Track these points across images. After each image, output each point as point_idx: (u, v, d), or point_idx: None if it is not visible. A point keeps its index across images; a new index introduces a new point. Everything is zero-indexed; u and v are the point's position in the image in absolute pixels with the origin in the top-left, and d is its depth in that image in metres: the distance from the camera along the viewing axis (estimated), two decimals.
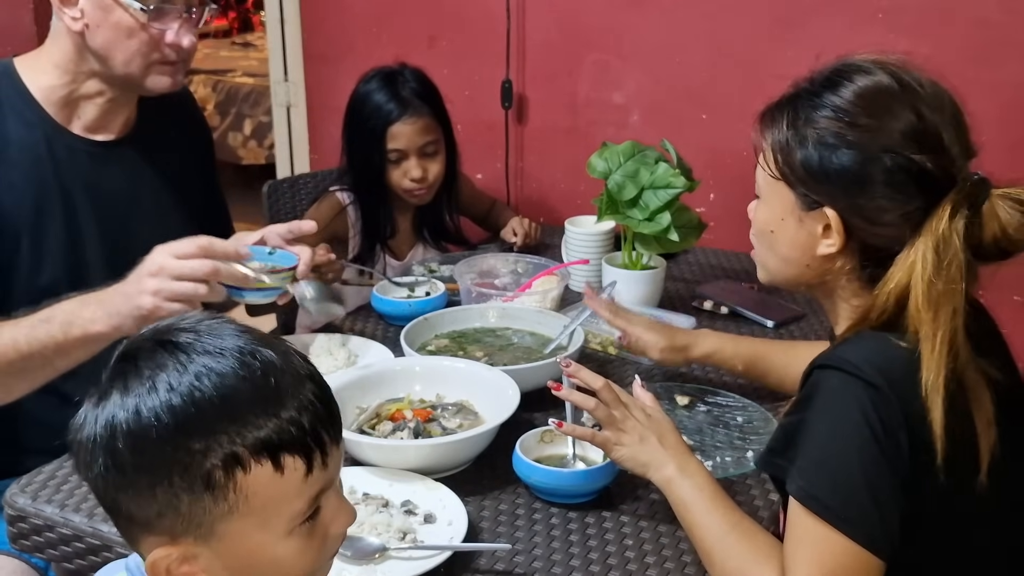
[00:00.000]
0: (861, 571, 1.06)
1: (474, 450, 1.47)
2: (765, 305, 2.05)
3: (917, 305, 1.09)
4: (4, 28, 3.19)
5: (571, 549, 1.30)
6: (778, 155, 1.21)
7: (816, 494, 1.08)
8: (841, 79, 1.18)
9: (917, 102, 1.14)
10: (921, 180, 1.12)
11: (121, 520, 0.90)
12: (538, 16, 2.70)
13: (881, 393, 1.07)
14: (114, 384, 0.87)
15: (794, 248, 1.23)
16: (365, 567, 1.25)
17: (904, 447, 1.07)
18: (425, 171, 2.25)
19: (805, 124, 1.18)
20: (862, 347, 1.13)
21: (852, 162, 1.14)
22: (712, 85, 2.54)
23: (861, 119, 1.14)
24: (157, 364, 0.86)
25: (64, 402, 1.64)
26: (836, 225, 1.17)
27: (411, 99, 2.24)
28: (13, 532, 1.41)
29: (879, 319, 1.14)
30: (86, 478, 0.91)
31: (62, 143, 1.65)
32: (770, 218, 1.25)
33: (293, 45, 3.11)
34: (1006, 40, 2.24)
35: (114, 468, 0.86)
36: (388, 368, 1.66)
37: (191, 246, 1.44)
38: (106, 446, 0.86)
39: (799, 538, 1.09)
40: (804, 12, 2.40)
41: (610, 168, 1.96)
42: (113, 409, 0.86)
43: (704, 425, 1.60)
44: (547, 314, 1.86)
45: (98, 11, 1.55)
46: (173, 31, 1.59)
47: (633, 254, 2.04)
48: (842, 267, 1.21)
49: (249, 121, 5.27)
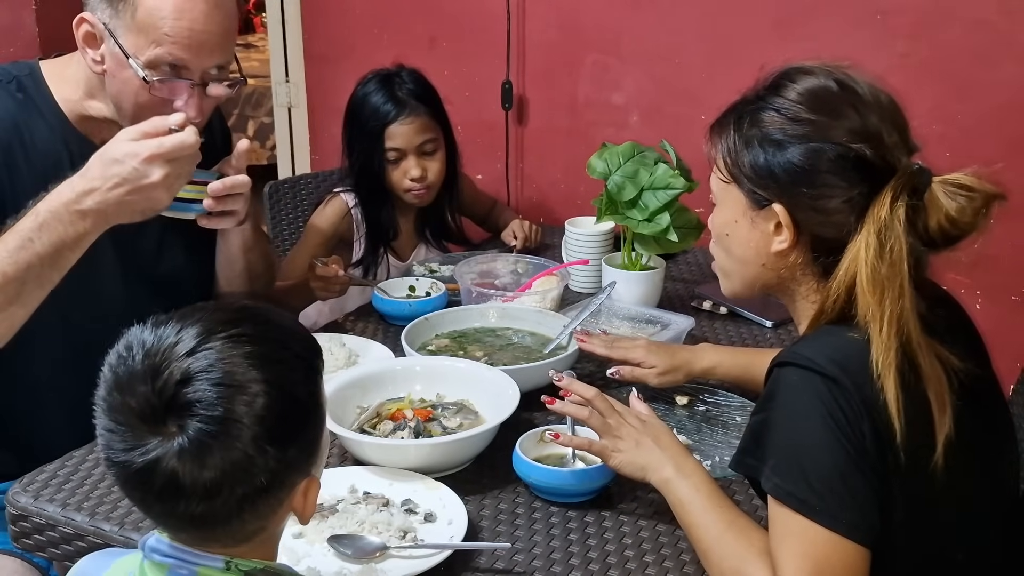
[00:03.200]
0: (846, 559, 1.07)
1: (474, 450, 1.48)
2: (764, 305, 2.06)
3: (863, 288, 1.12)
4: (6, 29, 3.20)
5: (571, 548, 1.31)
6: (728, 159, 1.25)
7: (791, 490, 1.09)
8: (784, 81, 1.23)
9: (856, 102, 1.18)
10: (861, 168, 1.15)
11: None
12: (538, 17, 2.71)
13: (839, 384, 1.09)
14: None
15: (748, 248, 1.26)
16: (365, 566, 1.25)
17: (868, 435, 1.08)
18: (424, 170, 2.26)
19: (750, 126, 1.22)
20: (817, 342, 1.16)
21: (795, 156, 1.18)
22: (711, 86, 2.54)
23: (803, 115, 1.19)
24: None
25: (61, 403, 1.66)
26: (785, 220, 1.20)
27: (407, 99, 2.24)
28: (15, 531, 1.42)
29: (832, 311, 1.16)
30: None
31: (80, 151, 1.61)
32: (725, 221, 1.29)
33: (294, 46, 3.12)
34: (1005, 40, 2.24)
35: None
36: (388, 368, 1.67)
37: (152, 126, 1.43)
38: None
39: (782, 534, 1.10)
40: (803, 13, 2.40)
41: (610, 169, 1.96)
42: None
43: (703, 425, 1.60)
44: (547, 314, 1.87)
45: (113, 62, 1.53)
46: (181, 100, 1.54)
47: (632, 254, 2.04)
48: (796, 262, 1.23)
49: (251, 122, 5.28)
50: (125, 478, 0.93)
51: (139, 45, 1.50)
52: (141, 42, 1.50)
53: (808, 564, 1.07)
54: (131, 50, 1.51)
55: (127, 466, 0.91)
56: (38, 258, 1.41)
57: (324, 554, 1.28)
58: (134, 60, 1.50)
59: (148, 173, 1.41)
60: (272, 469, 0.93)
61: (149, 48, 1.50)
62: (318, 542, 1.29)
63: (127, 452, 0.91)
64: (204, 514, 0.92)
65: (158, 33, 1.49)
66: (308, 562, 1.26)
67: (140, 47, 1.50)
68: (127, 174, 1.41)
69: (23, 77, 1.63)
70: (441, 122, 2.30)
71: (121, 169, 1.41)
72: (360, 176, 2.28)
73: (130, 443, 0.90)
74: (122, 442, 0.91)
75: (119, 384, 0.93)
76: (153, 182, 1.41)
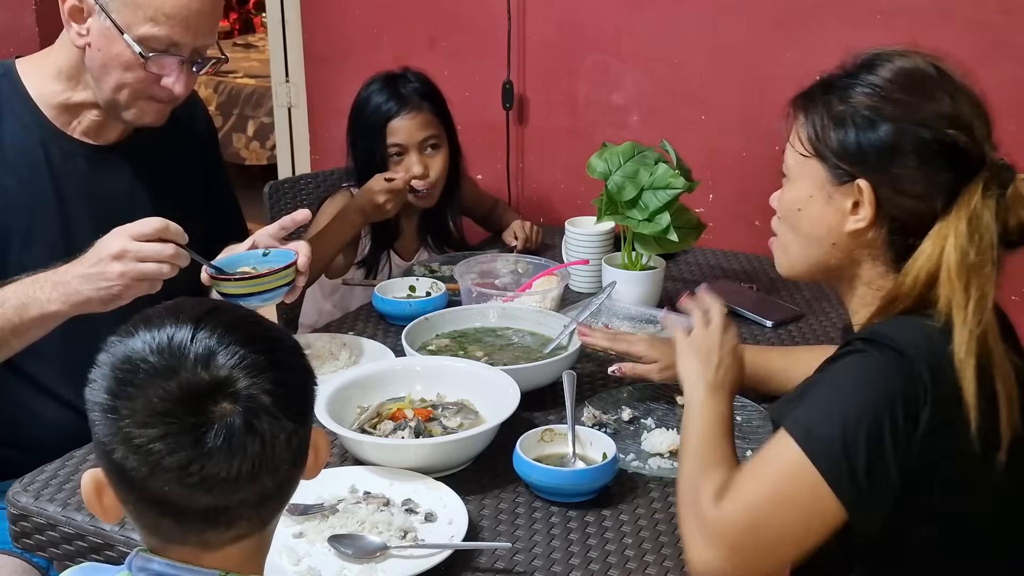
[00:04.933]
0: (815, 506, 1.08)
1: (474, 449, 1.48)
2: (764, 305, 2.06)
3: (950, 275, 1.12)
4: (6, 29, 3.20)
5: (571, 548, 1.31)
6: (812, 133, 1.23)
7: (814, 433, 1.09)
8: (879, 62, 1.21)
9: (952, 89, 1.18)
10: (953, 155, 1.15)
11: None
12: (538, 17, 2.71)
13: (911, 364, 1.09)
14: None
15: (820, 225, 1.24)
16: (366, 566, 1.26)
17: (924, 423, 1.08)
18: (426, 167, 2.25)
19: (840, 102, 1.20)
20: (895, 325, 1.14)
21: (886, 134, 1.17)
22: (711, 86, 2.55)
23: (897, 95, 1.18)
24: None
25: (62, 402, 1.66)
26: (868, 196, 1.18)
27: (410, 96, 2.25)
28: (15, 531, 1.42)
29: (907, 299, 1.15)
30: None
31: (59, 147, 1.65)
32: (798, 196, 1.26)
33: (294, 46, 3.12)
34: (1004, 41, 2.24)
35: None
36: (389, 368, 1.67)
37: (148, 227, 1.45)
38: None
39: (767, 458, 1.12)
40: (802, 14, 2.41)
41: (610, 169, 1.96)
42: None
43: None
44: (547, 314, 1.87)
45: (102, 37, 1.55)
46: (171, 76, 1.58)
47: (633, 254, 2.04)
48: (870, 243, 1.21)
49: (252, 122, 5.28)
50: (186, 472, 0.85)
51: (133, 21, 1.53)
52: (136, 18, 1.53)
53: (774, 486, 1.09)
54: (124, 25, 1.53)
55: (189, 463, 0.85)
56: (3, 319, 1.47)
57: (324, 554, 1.28)
58: (128, 36, 1.53)
59: (108, 247, 1.44)
60: (311, 410, 0.95)
61: (144, 25, 1.53)
62: (318, 542, 1.29)
63: (189, 447, 0.85)
64: (260, 486, 0.89)
65: (154, 10, 1.52)
66: (308, 562, 1.26)
67: (134, 23, 1.53)
68: (93, 251, 1.45)
69: None
70: (445, 123, 2.30)
71: (94, 248, 1.46)
72: (363, 174, 2.28)
73: (188, 435, 0.85)
74: (175, 441, 0.85)
75: (141, 394, 0.87)
76: (110, 253, 1.44)
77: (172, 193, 1.78)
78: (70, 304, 1.46)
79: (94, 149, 1.69)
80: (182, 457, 0.85)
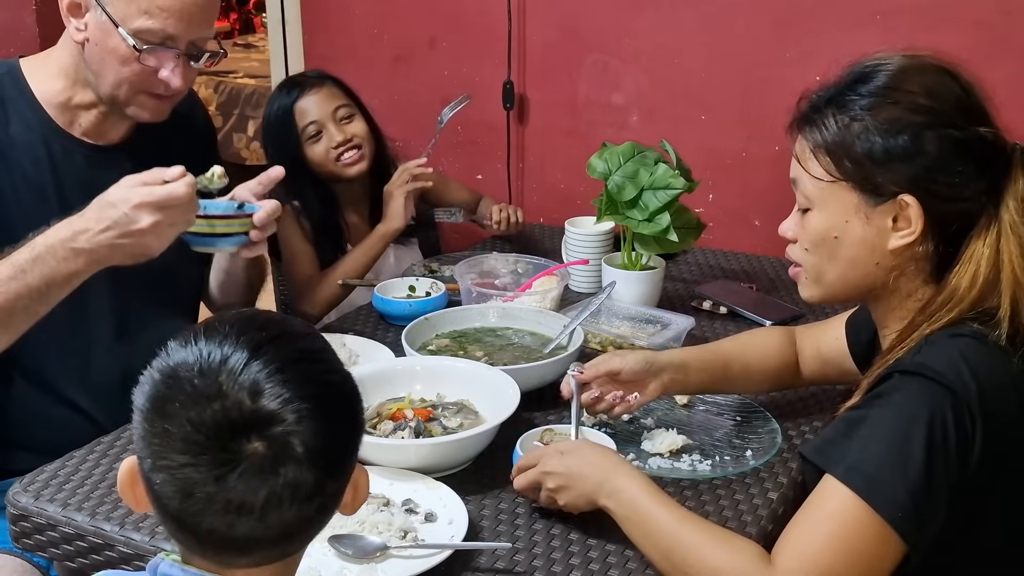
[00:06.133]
0: (881, 553, 1.05)
1: (474, 449, 1.48)
2: (764, 305, 2.06)
3: (1015, 275, 1.09)
4: (7, 29, 3.20)
5: (571, 548, 1.31)
6: (831, 156, 1.18)
7: (866, 473, 1.05)
8: (877, 69, 1.17)
9: (965, 86, 1.16)
10: (987, 151, 1.13)
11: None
12: (538, 17, 2.71)
13: (961, 400, 1.05)
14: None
15: (863, 248, 1.19)
16: (366, 566, 1.26)
17: (973, 463, 1.05)
18: (346, 133, 2.22)
19: (854, 118, 1.16)
20: (945, 353, 1.10)
21: (914, 140, 1.13)
22: (711, 86, 2.54)
23: (914, 98, 1.14)
24: None
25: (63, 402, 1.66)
26: (915, 209, 1.14)
27: (308, 79, 2.27)
28: (16, 531, 1.42)
29: (957, 306, 1.12)
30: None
31: (61, 146, 1.65)
32: (832, 224, 1.20)
33: (294, 47, 3.12)
34: (1003, 41, 2.24)
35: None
36: (389, 368, 1.67)
37: (150, 176, 1.41)
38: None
39: (825, 512, 1.07)
40: (802, 14, 2.40)
41: (610, 169, 1.96)
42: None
43: (703, 424, 1.60)
44: (547, 314, 1.87)
45: (99, 31, 1.56)
46: (167, 69, 1.58)
47: (632, 254, 2.04)
48: (915, 255, 1.17)
49: (252, 122, 5.28)
50: (208, 505, 0.85)
51: (128, 14, 1.53)
52: (131, 11, 1.53)
53: (839, 543, 1.04)
54: (119, 19, 1.54)
55: (207, 494, 0.84)
56: (28, 290, 1.42)
57: (324, 554, 1.28)
58: (123, 29, 1.53)
59: (137, 219, 1.40)
60: (348, 463, 0.93)
61: (139, 18, 1.53)
62: (318, 542, 1.29)
63: (211, 482, 0.83)
64: (280, 524, 0.87)
65: (148, 3, 1.53)
66: (308, 562, 1.26)
67: (129, 16, 1.54)
68: (118, 218, 1.40)
69: (1, 76, 1.65)
70: (352, 97, 2.28)
71: (113, 212, 1.41)
72: (289, 173, 2.20)
73: (218, 466, 0.84)
74: (197, 471, 0.84)
75: (179, 413, 0.85)
76: (141, 228, 1.40)
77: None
78: (99, 265, 1.44)
79: (95, 149, 1.69)
80: (201, 487, 0.84)
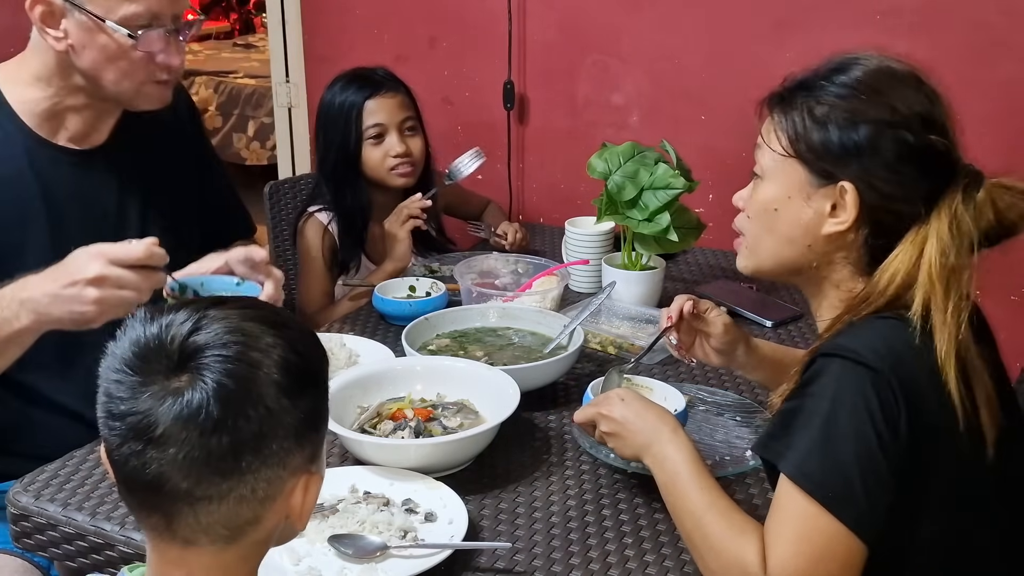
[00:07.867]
0: (845, 553, 1.07)
1: (475, 449, 1.48)
2: (764, 305, 2.06)
3: (931, 277, 1.12)
4: (6, 29, 3.19)
5: (571, 548, 1.31)
6: (791, 134, 1.21)
7: (809, 473, 1.08)
8: (853, 64, 1.21)
9: (931, 94, 1.19)
10: (935, 159, 1.16)
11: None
12: (539, 17, 2.71)
13: (882, 377, 1.08)
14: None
15: (797, 227, 1.23)
16: (366, 565, 1.26)
17: (903, 434, 1.08)
18: (408, 146, 2.22)
19: (820, 104, 1.19)
20: (863, 333, 1.13)
21: (869, 136, 1.16)
22: (711, 86, 2.55)
23: (878, 96, 1.17)
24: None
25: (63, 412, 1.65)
26: (851, 198, 1.17)
27: (385, 80, 2.23)
28: (16, 531, 1.42)
29: (879, 300, 1.15)
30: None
31: (44, 156, 1.62)
32: (775, 196, 1.24)
33: (294, 47, 3.12)
34: (1003, 41, 2.24)
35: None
36: (389, 368, 1.67)
37: (131, 254, 1.38)
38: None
39: (785, 517, 1.10)
40: (802, 15, 2.41)
41: (610, 169, 1.96)
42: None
43: (703, 424, 1.60)
44: (547, 314, 1.87)
45: (83, 33, 1.53)
46: (163, 51, 1.56)
47: (632, 254, 2.04)
48: (846, 245, 1.21)
49: (252, 122, 5.28)
50: (123, 436, 0.85)
51: (110, 6, 1.51)
52: (111, 3, 1.51)
53: (806, 547, 1.07)
54: (103, 13, 1.51)
55: (127, 416, 0.85)
56: None
57: (324, 554, 1.28)
58: (110, 22, 1.51)
59: (86, 269, 1.37)
60: (287, 426, 0.89)
61: (123, 6, 1.51)
62: (318, 542, 1.29)
63: (131, 400, 0.85)
64: (188, 465, 0.85)
65: None
66: (308, 562, 1.26)
67: (112, 7, 1.52)
68: (69, 266, 1.38)
69: None
70: (418, 112, 2.27)
71: (67, 263, 1.39)
72: (335, 167, 2.20)
73: (138, 389, 0.85)
74: (129, 389, 0.85)
75: (123, 338, 0.89)
76: (87, 277, 1.36)
77: (164, 189, 1.75)
78: (40, 323, 1.41)
79: (79, 154, 1.65)
80: (124, 408, 0.85)
